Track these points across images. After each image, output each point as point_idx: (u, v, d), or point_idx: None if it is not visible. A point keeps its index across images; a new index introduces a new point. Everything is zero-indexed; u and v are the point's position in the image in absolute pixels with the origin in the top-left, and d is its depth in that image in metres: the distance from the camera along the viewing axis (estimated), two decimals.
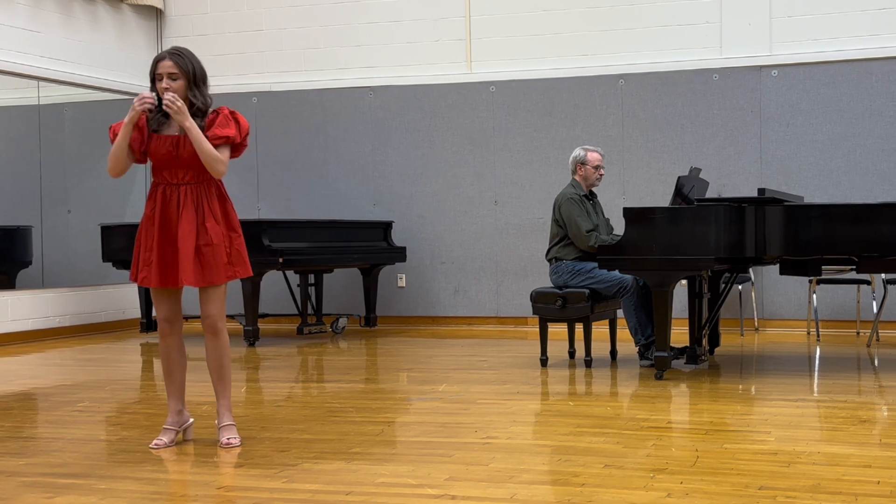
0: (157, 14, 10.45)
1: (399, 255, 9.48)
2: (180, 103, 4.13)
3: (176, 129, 4.24)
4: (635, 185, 9.19)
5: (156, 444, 4.30)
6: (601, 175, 6.84)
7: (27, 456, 4.20)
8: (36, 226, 9.28)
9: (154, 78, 4.25)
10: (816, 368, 6.69)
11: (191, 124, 4.14)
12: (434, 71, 9.77)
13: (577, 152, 6.82)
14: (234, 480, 3.75)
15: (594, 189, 6.87)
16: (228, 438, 4.31)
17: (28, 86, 9.17)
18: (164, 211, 4.22)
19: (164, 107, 4.13)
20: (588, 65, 9.32)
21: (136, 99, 4.17)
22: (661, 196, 8.80)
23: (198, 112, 4.23)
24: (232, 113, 4.30)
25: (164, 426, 4.38)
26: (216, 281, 4.22)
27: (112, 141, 4.29)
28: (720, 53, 9.00)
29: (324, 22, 10.06)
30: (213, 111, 4.27)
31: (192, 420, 4.48)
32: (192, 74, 4.23)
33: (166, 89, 4.17)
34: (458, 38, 9.70)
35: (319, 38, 10.09)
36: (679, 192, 6.40)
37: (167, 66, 4.21)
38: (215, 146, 4.20)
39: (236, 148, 4.30)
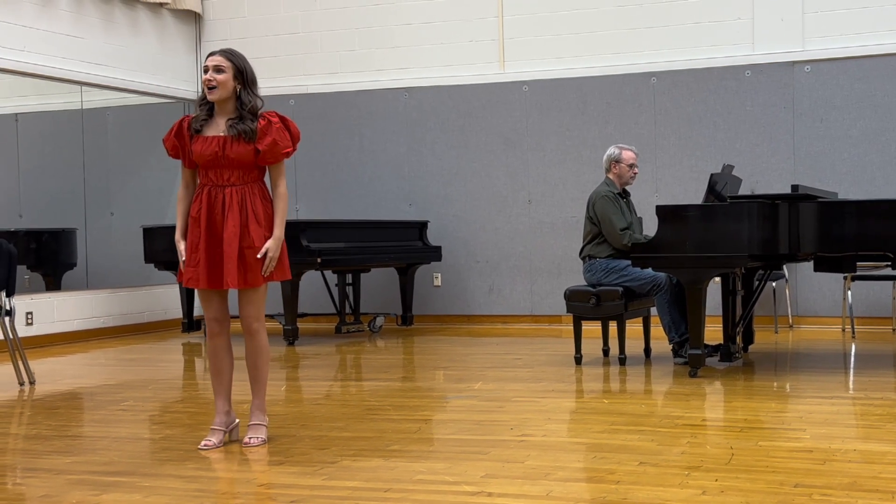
0: (195, 18, 10.59)
1: (434, 254, 9.54)
2: (273, 258, 4.26)
3: (220, 130, 4.27)
4: (668, 182, 9.20)
5: (205, 445, 4.33)
6: (635, 174, 6.86)
7: (73, 454, 4.28)
8: (80, 228, 9.45)
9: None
10: (852, 365, 6.67)
11: (277, 244, 4.27)
12: (468, 71, 9.83)
13: (612, 150, 6.85)
14: (274, 478, 3.82)
15: (627, 187, 6.90)
16: (250, 437, 4.36)
17: (71, 90, 9.34)
18: (209, 212, 4.25)
19: (267, 266, 4.26)
20: (620, 63, 9.34)
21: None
22: (693, 193, 8.80)
23: (250, 113, 4.26)
24: (283, 120, 4.32)
25: (212, 426, 4.41)
26: (257, 283, 4.26)
27: (169, 151, 4.37)
28: (752, 50, 8.98)
29: (359, 24, 10.15)
30: (264, 118, 4.28)
31: (237, 420, 4.53)
32: (244, 74, 4.26)
33: (210, 80, 4.22)
34: (491, 38, 9.75)
35: (354, 40, 10.18)
36: (712, 190, 6.40)
37: (216, 59, 4.26)
38: (277, 162, 4.29)
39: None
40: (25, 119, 9.31)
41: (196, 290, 4.42)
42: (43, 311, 8.76)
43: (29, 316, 8.58)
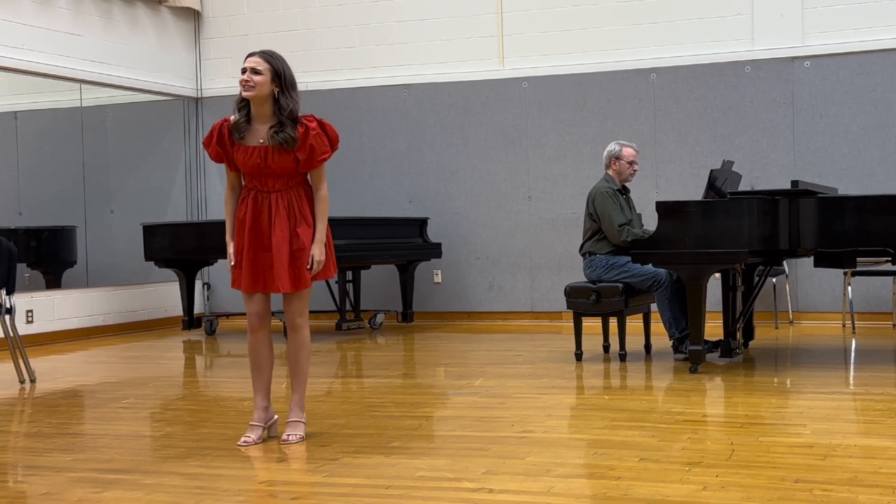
0: (194, 15, 10.59)
1: (435, 251, 9.55)
2: (320, 263, 4.29)
3: (260, 137, 4.24)
4: (668, 178, 9.20)
5: (244, 442, 4.32)
6: (635, 170, 6.86)
7: (75, 452, 4.30)
8: (80, 226, 9.46)
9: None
10: (852, 361, 6.68)
11: (321, 247, 4.29)
12: (467, 68, 9.82)
13: (612, 147, 6.85)
14: (275, 475, 3.83)
15: (627, 184, 6.89)
16: (288, 434, 4.36)
17: (71, 88, 9.34)
18: (255, 216, 4.27)
19: (315, 270, 4.29)
20: (619, 59, 9.34)
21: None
22: (693, 189, 8.80)
23: (289, 117, 4.22)
24: (321, 124, 4.29)
25: (251, 423, 4.40)
26: (308, 285, 4.31)
27: (212, 157, 4.37)
28: (752, 45, 8.97)
29: (358, 21, 10.15)
30: (302, 124, 4.24)
31: (276, 417, 4.50)
32: (282, 77, 4.22)
33: (247, 81, 4.19)
34: (490, 34, 9.74)
35: (354, 37, 10.18)
36: (712, 186, 6.41)
37: (254, 60, 4.22)
38: (316, 168, 4.30)
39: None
40: (25, 117, 9.32)
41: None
42: (43, 308, 8.76)
43: (29, 314, 8.59)
